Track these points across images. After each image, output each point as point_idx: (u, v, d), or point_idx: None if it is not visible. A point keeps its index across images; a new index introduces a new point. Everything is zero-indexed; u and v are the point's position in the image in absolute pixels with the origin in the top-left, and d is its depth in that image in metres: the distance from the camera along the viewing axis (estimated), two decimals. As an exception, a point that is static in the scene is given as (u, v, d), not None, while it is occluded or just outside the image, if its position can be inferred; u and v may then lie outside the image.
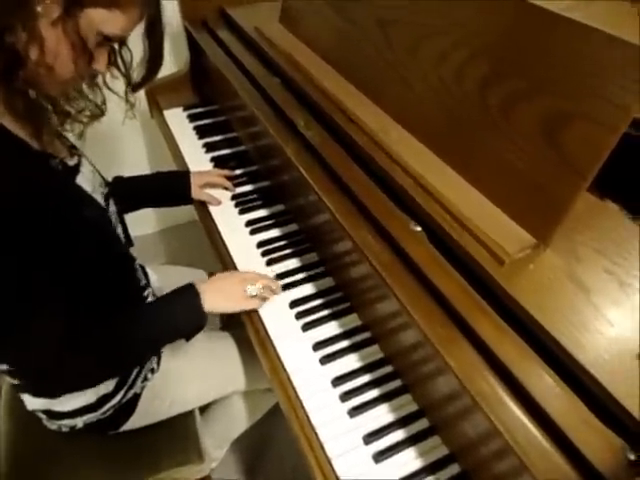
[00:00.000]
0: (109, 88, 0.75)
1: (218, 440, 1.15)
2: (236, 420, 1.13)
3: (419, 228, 0.73)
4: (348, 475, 0.67)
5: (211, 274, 1.17)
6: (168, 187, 1.08)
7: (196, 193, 1.08)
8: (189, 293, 0.81)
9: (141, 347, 0.79)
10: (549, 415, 0.52)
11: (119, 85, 0.76)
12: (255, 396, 1.10)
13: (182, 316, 0.80)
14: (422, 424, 0.73)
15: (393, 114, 0.86)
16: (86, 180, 0.76)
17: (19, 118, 0.62)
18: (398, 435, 0.72)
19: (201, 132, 1.32)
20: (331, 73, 1.01)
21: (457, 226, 0.67)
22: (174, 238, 2.02)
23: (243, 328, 1.00)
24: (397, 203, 0.76)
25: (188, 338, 0.83)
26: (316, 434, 0.72)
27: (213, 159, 1.24)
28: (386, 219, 0.73)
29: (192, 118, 1.37)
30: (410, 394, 0.76)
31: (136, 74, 0.75)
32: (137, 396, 0.90)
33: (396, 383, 0.78)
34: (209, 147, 1.27)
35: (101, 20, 0.61)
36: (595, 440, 0.50)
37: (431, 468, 0.69)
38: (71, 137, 0.78)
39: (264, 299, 0.88)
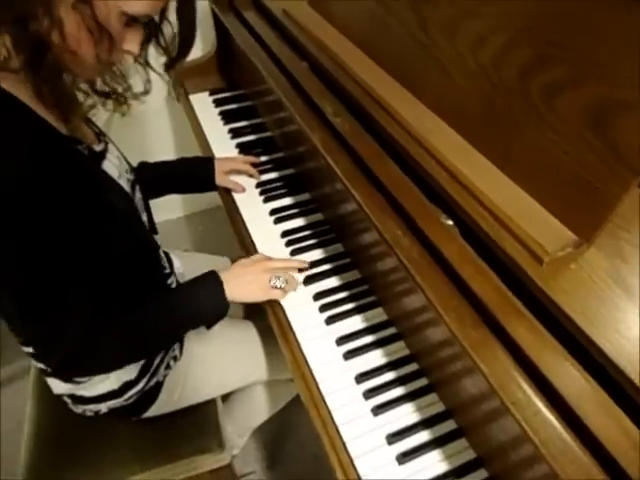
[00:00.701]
0: (150, 66, 0.72)
1: (239, 429, 1.15)
2: (258, 409, 1.13)
3: (451, 222, 0.70)
4: (371, 476, 0.65)
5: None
6: (192, 173, 1.06)
7: (220, 180, 1.06)
8: (212, 281, 0.80)
9: (164, 332, 0.79)
10: (587, 426, 0.49)
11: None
12: (277, 386, 1.10)
13: (204, 304, 0.79)
14: (448, 425, 0.71)
15: (427, 102, 0.82)
16: (112, 166, 0.75)
17: (46, 104, 0.61)
18: (423, 436, 0.70)
19: (227, 117, 1.30)
20: (362, 58, 0.97)
21: (493, 221, 0.64)
22: (199, 224, 2.02)
23: (266, 317, 1.00)
24: (428, 196, 0.72)
25: (209, 326, 0.82)
26: (339, 432, 0.70)
27: (239, 145, 1.22)
28: (416, 212, 0.70)
29: (218, 103, 1.35)
30: (436, 394, 0.73)
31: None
32: (160, 384, 0.90)
33: (422, 382, 0.75)
34: (235, 133, 1.25)
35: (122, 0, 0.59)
36: (637, 456, 0.46)
37: (457, 472, 0.66)
38: (99, 122, 0.77)
39: (288, 290, 0.86)
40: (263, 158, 1.17)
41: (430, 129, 0.78)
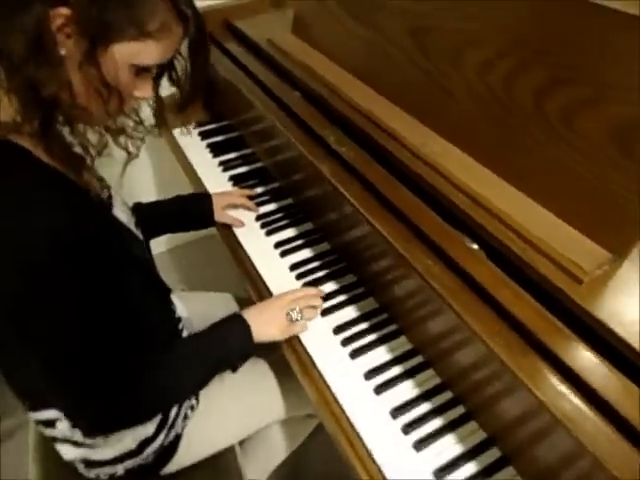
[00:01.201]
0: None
1: (258, 472, 1.10)
2: (276, 450, 1.09)
3: (476, 246, 0.69)
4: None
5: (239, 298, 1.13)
6: (190, 211, 1.03)
7: (219, 216, 1.03)
8: (238, 324, 0.78)
9: (195, 377, 0.76)
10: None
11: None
12: (294, 423, 1.06)
13: (234, 347, 0.78)
14: (494, 454, 0.69)
15: (434, 126, 0.82)
16: (121, 212, 0.74)
17: (59, 160, 0.59)
18: (469, 469, 0.68)
19: (215, 150, 1.27)
20: (357, 85, 0.97)
21: (522, 243, 0.64)
22: (182, 257, 1.97)
23: (274, 351, 0.96)
24: (449, 221, 0.72)
25: (235, 369, 0.79)
26: (381, 472, 0.68)
27: (232, 178, 1.19)
28: (441, 238, 0.69)
29: (204, 135, 1.32)
30: (477, 421, 0.72)
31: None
32: (178, 436, 0.85)
33: (459, 410, 0.74)
34: (226, 165, 1.22)
35: (132, 53, 0.58)
36: None
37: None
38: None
39: (308, 319, 0.84)
40: (259, 189, 1.15)
41: (439, 153, 0.78)
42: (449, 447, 0.70)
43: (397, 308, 0.83)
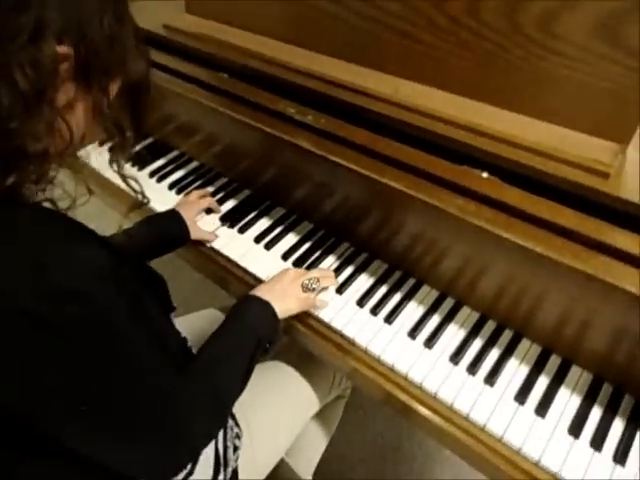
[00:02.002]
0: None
1: (308, 469, 1.05)
2: (317, 443, 1.05)
3: (486, 174, 0.70)
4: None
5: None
6: (167, 233, 0.90)
7: (194, 232, 0.92)
8: (259, 306, 0.72)
9: (237, 376, 0.68)
10: None
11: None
12: (326, 411, 1.02)
13: (263, 332, 0.71)
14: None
15: (398, 72, 0.80)
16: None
17: None
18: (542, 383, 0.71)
19: (138, 162, 1.13)
20: (289, 49, 0.91)
21: (539, 158, 0.65)
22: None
23: (289, 349, 0.94)
24: (450, 159, 0.71)
25: (268, 352, 0.74)
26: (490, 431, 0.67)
27: (172, 186, 1.07)
28: (455, 176, 0.68)
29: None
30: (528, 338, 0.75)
31: None
32: (235, 472, 0.77)
33: (508, 335, 0.76)
34: (158, 175, 1.09)
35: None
36: None
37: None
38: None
39: (323, 290, 0.81)
40: (210, 189, 1.05)
41: (415, 95, 0.76)
42: (515, 374, 0.72)
43: (417, 261, 0.81)
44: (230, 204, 1.02)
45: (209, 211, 0.99)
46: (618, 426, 0.65)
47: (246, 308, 0.73)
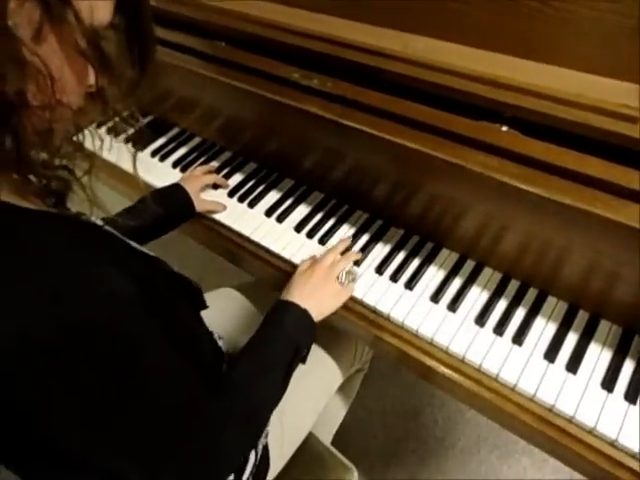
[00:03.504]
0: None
1: (325, 436, 1.06)
2: (336, 412, 1.05)
3: (505, 127, 0.67)
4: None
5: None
6: (172, 208, 0.86)
7: (199, 204, 0.90)
8: (296, 313, 0.68)
9: (277, 388, 0.65)
10: None
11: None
12: (346, 383, 1.02)
13: (301, 342, 0.68)
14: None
15: (402, 25, 0.76)
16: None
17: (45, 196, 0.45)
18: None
19: (138, 142, 1.09)
20: (287, 11, 0.87)
21: (562, 107, 0.62)
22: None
23: None
24: (467, 115, 0.68)
25: (304, 360, 0.72)
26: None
27: (175, 164, 1.04)
28: (476, 132, 0.65)
29: (115, 131, 1.13)
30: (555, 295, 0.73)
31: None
32: (266, 447, 0.77)
33: (533, 293, 0.74)
34: (160, 153, 1.06)
35: (89, 8, 0.42)
36: None
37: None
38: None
39: (354, 278, 0.78)
40: (215, 163, 1.02)
41: (427, 49, 0.73)
42: (543, 332, 0.70)
43: (435, 224, 0.79)
44: (237, 178, 0.99)
45: (216, 187, 0.97)
46: (652, 377, 0.64)
47: (283, 318, 0.68)
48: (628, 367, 0.65)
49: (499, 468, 1.25)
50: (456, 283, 0.77)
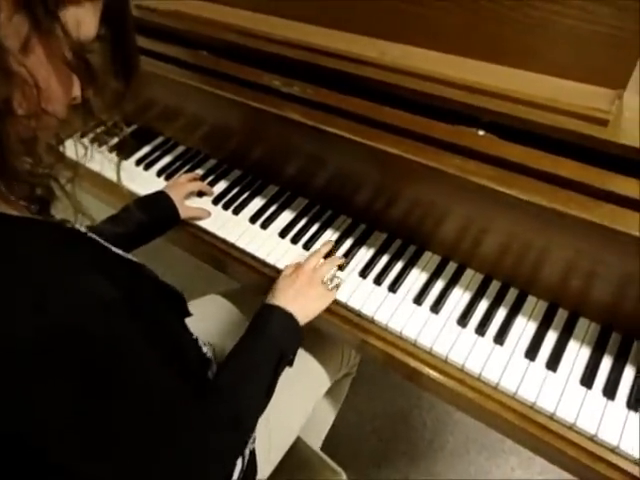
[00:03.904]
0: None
1: (314, 441, 1.06)
2: (325, 416, 1.05)
3: (482, 132, 0.68)
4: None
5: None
6: (157, 215, 0.87)
7: (184, 211, 0.90)
8: (281, 317, 0.69)
9: (262, 393, 0.65)
10: None
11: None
12: (335, 387, 1.02)
13: (287, 346, 0.68)
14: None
15: (380, 34, 0.78)
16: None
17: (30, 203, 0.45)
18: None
19: (122, 151, 1.09)
20: (267, 19, 0.88)
21: (536, 111, 0.64)
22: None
23: None
24: (444, 120, 0.69)
25: (292, 364, 0.72)
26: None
27: (160, 173, 1.04)
28: (453, 137, 0.67)
29: (98, 141, 1.13)
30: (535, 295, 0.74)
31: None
32: (253, 452, 0.77)
33: (514, 293, 0.76)
34: (145, 162, 1.06)
35: (76, 22, 0.43)
36: None
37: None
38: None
39: (339, 283, 0.79)
40: (199, 171, 1.02)
41: (404, 56, 0.74)
42: (523, 331, 0.72)
43: (417, 227, 0.80)
44: (222, 186, 1.00)
45: (201, 194, 0.97)
46: (629, 373, 0.66)
47: (268, 322, 0.69)
48: (606, 364, 0.67)
49: (488, 468, 1.27)
50: (439, 285, 0.79)
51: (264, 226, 0.91)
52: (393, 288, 0.78)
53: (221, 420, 0.58)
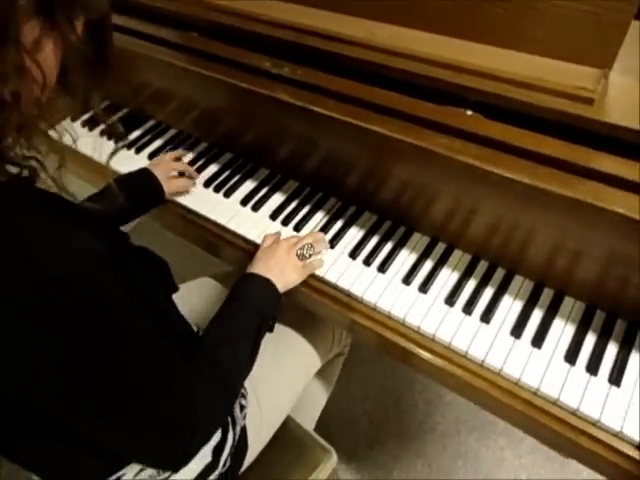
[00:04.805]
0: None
1: (308, 422, 1.07)
2: (318, 397, 1.07)
3: (470, 112, 0.69)
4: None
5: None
6: (142, 192, 0.87)
7: (169, 187, 0.90)
8: (259, 283, 0.72)
9: (246, 355, 0.67)
10: None
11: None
12: (326, 368, 1.04)
13: (267, 310, 0.71)
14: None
15: (369, 14, 0.78)
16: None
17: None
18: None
19: (114, 135, 1.09)
20: (261, 1, 0.87)
21: (522, 90, 0.64)
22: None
23: (288, 310, 0.92)
24: (433, 100, 0.70)
25: (272, 329, 0.74)
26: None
27: (151, 156, 1.04)
28: (439, 116, 0.67)
29: (89, 125, 1.13)
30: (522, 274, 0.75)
31: None
32: (244, 429, 0.78)
33: (501, 273, 0.77)
34: (136, 145, 1.06)
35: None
36: None
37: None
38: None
39: (319, 253, 0.81)
40: (190, 155, 1.02)
41: (393, 37, 0.74)
42: (509, 310, 0.73)
43: (406, 208, 0.81)
44: (213, 169, 1.00)
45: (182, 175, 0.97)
46: (612, 350, 0.67)
47: (247, 288, 0.72)
48: (590, 341, 0.68)
49: (478, 449, 1.29)
50: (427, 265, 0.79)
51: (255, 208, 0.91)
52: (382, 269, 0.79)
53: (207, 375, 0.60)
